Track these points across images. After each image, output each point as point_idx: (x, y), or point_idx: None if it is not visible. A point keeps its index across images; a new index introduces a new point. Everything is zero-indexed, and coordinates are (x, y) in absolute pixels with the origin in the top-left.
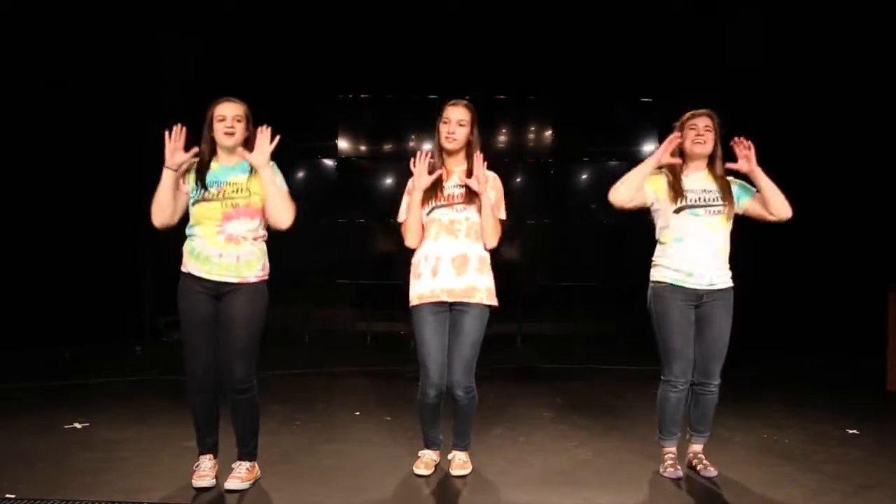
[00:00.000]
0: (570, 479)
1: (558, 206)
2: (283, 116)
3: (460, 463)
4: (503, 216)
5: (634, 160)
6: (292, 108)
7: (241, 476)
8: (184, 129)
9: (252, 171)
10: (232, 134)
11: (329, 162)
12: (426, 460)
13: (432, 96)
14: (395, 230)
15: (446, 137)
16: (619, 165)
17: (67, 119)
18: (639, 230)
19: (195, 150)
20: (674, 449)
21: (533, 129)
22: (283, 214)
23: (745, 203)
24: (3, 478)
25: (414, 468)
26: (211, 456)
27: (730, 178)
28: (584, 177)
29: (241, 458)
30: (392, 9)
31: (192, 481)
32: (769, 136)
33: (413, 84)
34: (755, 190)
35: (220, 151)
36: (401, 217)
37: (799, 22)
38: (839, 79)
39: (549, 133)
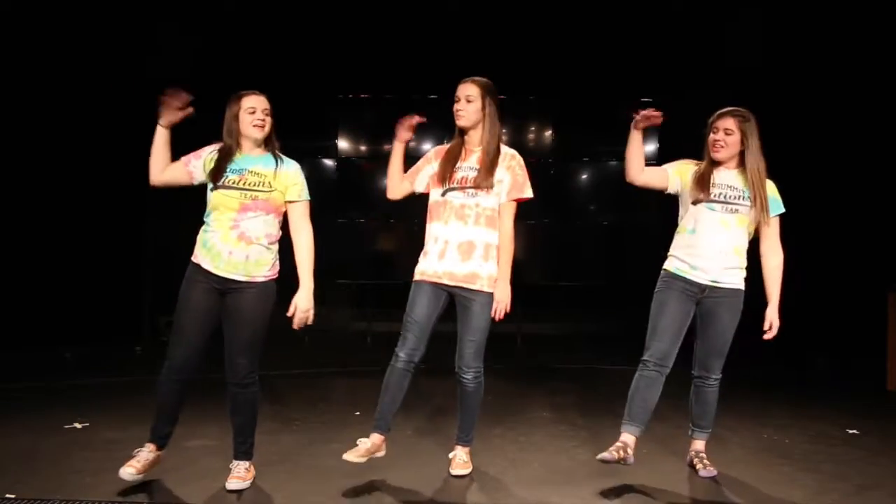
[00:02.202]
0: (570, 479)
1: (558, 206)
2: (283, 116)
3: (461, 463)
4: (530, 194)
5: None
6: (292, 108)
7: (240, 475)
8: (184, 93)
9: (278, 166)
10: (262, 126)
11: (329, 162)
12: (361, 448)
13: (432, 96)
14: (395, 229)
15: (456, 114)
16: (619, 165)
17: (67, 118)
18: (638, 230)
19: (190, 109)
20: (627, 438)
21: (533, 129)
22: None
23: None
24: (3, 478)
25: (344, 455)
26: (155, 447)
27: (770, 184)
28: (584, 177)
29: (237, 458)
30: (392, 9)
31: (121, 469)
32: (770, 137)
33: (413, 84)
34: (781, 213)
35: (244, 143)
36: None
37: (799, 22)
38: (840, 79)
39: (549, 133)
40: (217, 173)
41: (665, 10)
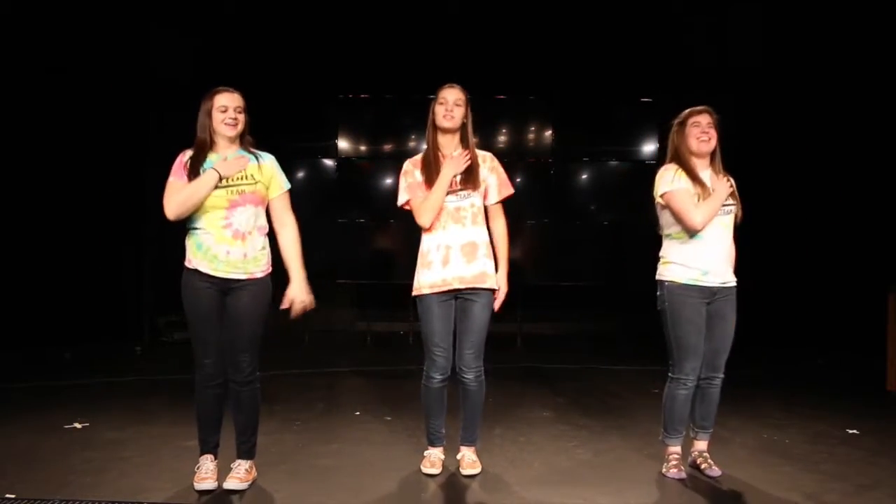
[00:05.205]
0: (570, 479)
1: (558, 206)
2: (283, 116)
3: (470, 462)
4: (511, 191)
5: (634, 160)
6: (292, 108)
7: (240, 476)
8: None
9: (257, 160)
10: (234, 125)
11: (329, 162)
12: (433, 459)
13: (432, 96)
14: (395, 229)
15: (444, 116)
16: (619, 165)
17: (68, 117)
18: (638, 230)
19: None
20: (678, 449)
21: (533, 129)
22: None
23: None
24: (3, 478)
25: (421, 467)
26: (212, 457)
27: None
28: (584, 177)
29: (240, 457)
30: (391, 9)
31: (195, 484)
32: (770, 136)
33: (413, 84)
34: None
35: (218, 140)
36: (401, 200)
37: (799, 21)
38: (840, 79)
39: (549, 133)
40: (197, 176)
41: (665, 10)
